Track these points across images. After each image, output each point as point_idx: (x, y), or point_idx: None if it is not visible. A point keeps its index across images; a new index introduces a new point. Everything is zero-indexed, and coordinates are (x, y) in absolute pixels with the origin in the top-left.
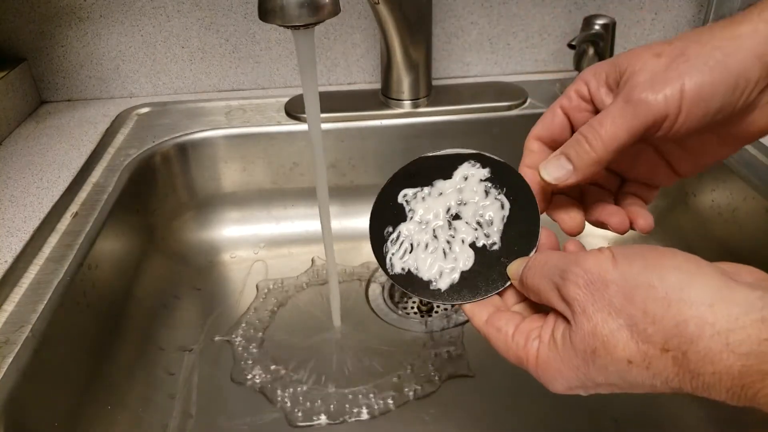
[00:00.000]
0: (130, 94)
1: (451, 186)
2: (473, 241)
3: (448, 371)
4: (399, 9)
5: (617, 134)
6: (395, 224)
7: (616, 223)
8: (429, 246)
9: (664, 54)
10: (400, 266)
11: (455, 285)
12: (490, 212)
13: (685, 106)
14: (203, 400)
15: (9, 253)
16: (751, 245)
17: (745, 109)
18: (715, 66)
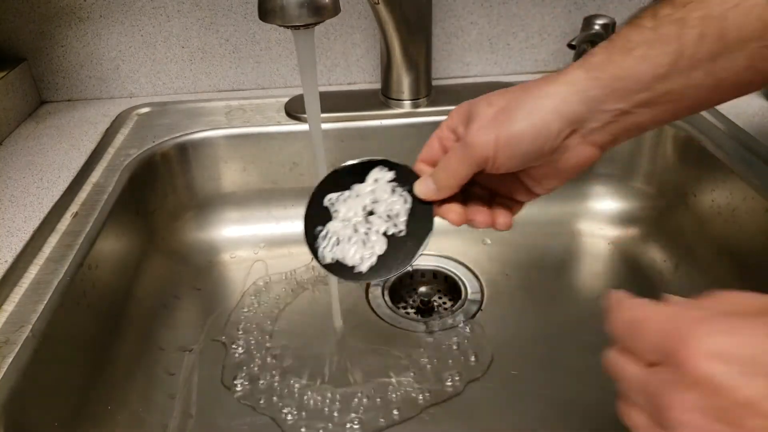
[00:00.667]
0: (130, 94)
1: (366, 188)
2: (385, 231)
3: (451, 371)
4: (399, 9)
5: (459, 168)
6: (324, 223)
7: (480, 221)
8: (351, 238)
9: (494, 105)
10: (330, 257)
11: (374, 267)
12: (396, 206)
13: (499, 151)
14: (203, 400)
15: (9, 252)
16: (751, 245)
17: (556, 151)
18: (523, 120)
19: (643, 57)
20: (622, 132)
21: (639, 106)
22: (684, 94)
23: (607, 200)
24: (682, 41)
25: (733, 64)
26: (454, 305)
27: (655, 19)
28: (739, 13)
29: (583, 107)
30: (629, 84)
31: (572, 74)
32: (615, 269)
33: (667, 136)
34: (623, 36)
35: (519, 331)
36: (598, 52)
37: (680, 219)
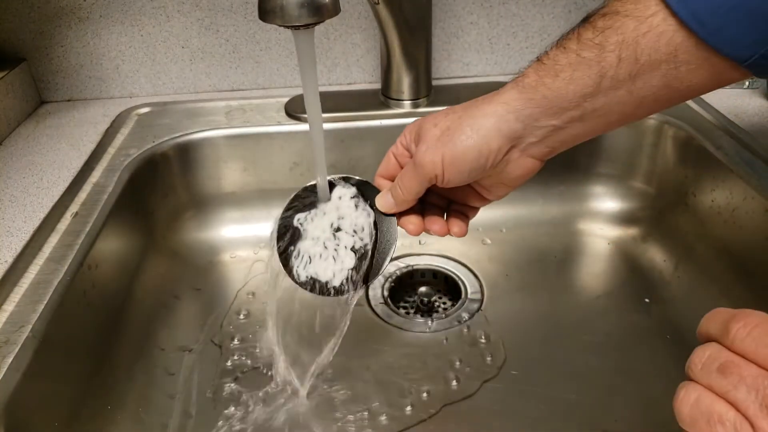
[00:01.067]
0: (130, 94)
1: (331, 206)
2: (353, 246)
3: (451, 371)
4: (399, 9)
5: (412, 185)
6: (295, 243)
7: (436, 230)
8: (322, 256)
9: (439, 125)
10: (304, 275)
11: (346, 280)
12: (360, 221)
13: (446, 168)
14: (203, 400)
15: (9, 252)
16: (751, 245)
17: (498, 165)
18: (466, 140)
19: (569, 79)
20: (559, 144)
21: (570, 121)
22: (611, 110)
23: (607, 200)
24: (603, 64)
25: (650, 84)
26: (454, 305)
27: (579, 42)
28: (650, 39)
29: (519, 125)
30: (559, 103)
31: (508, 94)
32: (615, 269)
33: (667, 136)
34: (552, 58)
35: (519, 330)
36: (530, 74)
37: (680, 219)
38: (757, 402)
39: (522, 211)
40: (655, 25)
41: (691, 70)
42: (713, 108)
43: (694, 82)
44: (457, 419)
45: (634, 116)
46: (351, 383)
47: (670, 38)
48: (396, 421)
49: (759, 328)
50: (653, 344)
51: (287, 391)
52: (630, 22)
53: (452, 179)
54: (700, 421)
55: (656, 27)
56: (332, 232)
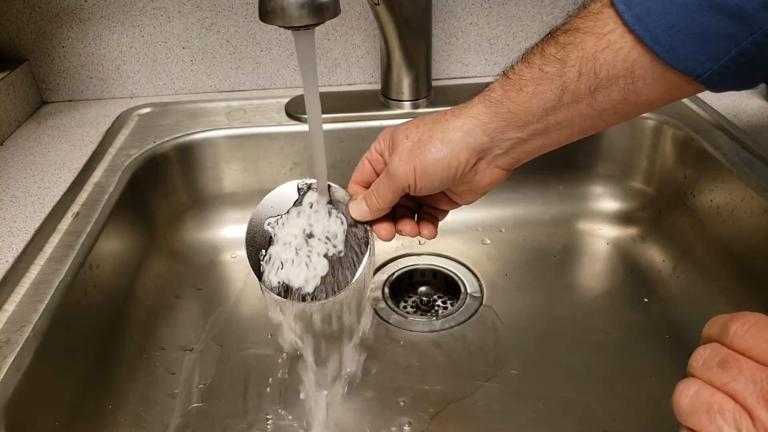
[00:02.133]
0: (131, 94)
1: (303, 211)
2: (326, 252)
3: (451, 371)
4: (399, 10)
5: (386, 194)
6: (266, 248)
7: (407, 231)
8: (294, 261)
9: (410, 137)
10: (276, 281)
11: (318, 287)
12: (333, 228)
13: (417, 179)
14: (204, 400)
15: (10, 252)
16: (750, 245)
17: (467, 175)
18: (436, 153)
19: (533, 93)
20: (523, 155)
21: (534, 134)
22: (573, 123)
23: (606, 200)
24: (564, 79)
25: (610, 98)
26: (453, 305)
27: (542, 57)
28: (608, 55)
29: (486, 138)
30: (524, 116)
31: (475, 108)
32: (614, 269)
33: (666, 136)
34: (517, 72)
35: (518, 330)
36: (497, 89)
37: (679, 219)
38: (755, 393)
39: (521, 211)
40: (612, 42)
41: (648, 84)
42: (712, 108)
43: (650, 96)
44: (457, 419)
45: (595, 128)
46: (350, 383)
47: (626, 54)
48: (395, 421)
49: (757, 326)
50: (652, 344)
51: (288, 391)
52: (589, 39)
53: (424, 189)
54: (699, 411)
55: (614, 43)
56: (304, 238)
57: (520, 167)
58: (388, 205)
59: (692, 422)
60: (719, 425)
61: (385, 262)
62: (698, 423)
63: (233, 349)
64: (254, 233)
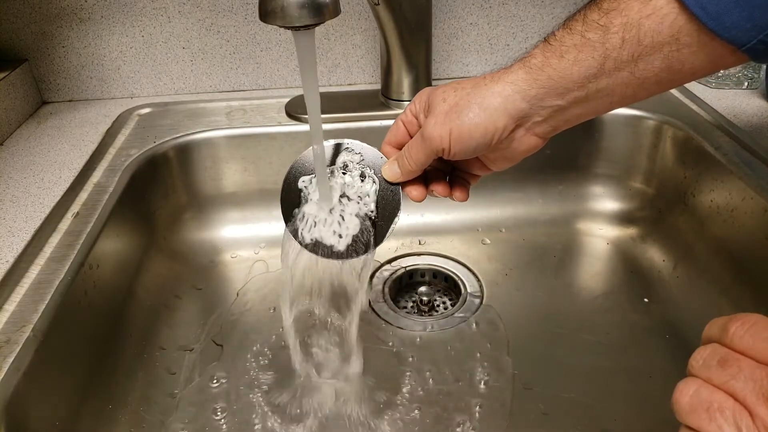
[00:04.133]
0: (131, 94)
1: (336, 170)
2: (357, 212)
3: (451, 371)
4: (399, 10)
5: (419, 157)
6: (299, 206)
7: (439, 192)
8: (327, 220)
9: (447, 100)
10: (309, 238)
11: (350, 245)
12: (366, 188)
13: (453, 143)
14: (204, 400)
15: (10, 252)
16: (750, 245)
17: (503, 142)
18: (473, 117)
19: (574, 60)
20: (562, 123)
21: (575, 102)
22: (614, 91)
23: (606, 200)
24: (607, 46)
25: (652, 65)
26: (454, 305)
27: (584, 23)
28: (654, 21)
29: (525, 104)
30: (564, 83)
31: (515, 74)
32: (614, 269)
33: (666, 136)
34: (558, 39)
35: (518, 330)
36: (537, 55)
37: (679, 219)
38: (755, 391)
39: (521, 211)
40: (658, 8)
41: (693, 52)
42: (712, 108)
43: (695, 64)
44: (457, 419)
45: (636, 97)
46: (350, 382)
47: (672, 21)
48: (395, 420)
49: (756, 326)
50: (652, 344)
51: (290, 390)
52: (634, 4)
53: (458, 153)
54: (699, 410)
55: (660, 10)
56: (338, 197)
57: (522, 167)
58: (420, 167)
59: (692, 421)
60: (719, 423)
61: (385, 262)
62: (698, 421)
63: (233, 349)
64: (288, 191)
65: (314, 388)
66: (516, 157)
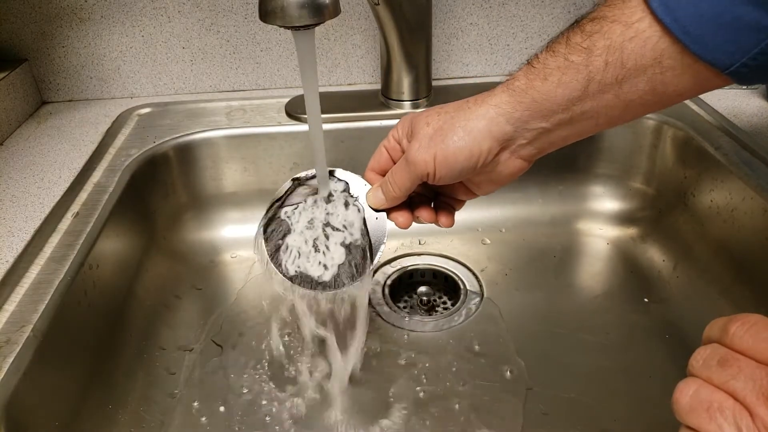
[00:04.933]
0: (131, 94)
1: (319, 199)
2: (342, 241)
3: (451, 370)
4: (399, 10)
5: (403, 182)
6: (283, 237)
7: (425, 218)
8: (311, 251)
9: (431, 124)
10: (293, 269)
11: (336, 275)
12: (351, 216)
13: (437, 167)
14: (204, 400)
15: (10, 252)
16: (750, 245)
17: (488, 165)
18: (458, 141)
19: (558, 83)
20: (547, 145)
21: (559, 124)
22: (599, 113)
23: (606, 200)
24: (590, 68)
25: (637, 88)
26: (454, 305)
27: (568, 46)
28: (636, 44)
29: (510, 127)
30: (549, 106)
31: (499, 97)
32: (614, 269)
33: (666, 136)
34: (541, 61)
35: (518, 330)
36: (521, 77)
37: (679, 219)
38: (755, 391)
39: (521, 211)
40: (641, 31)
41: (676, 75)
42: (712, 108)
43: (678, 87)
44: (457, 419)
45: (622, 119)
46: (351, 383)
47: (655, 44)
48: (395, 420)
49: (756, 326)
50: (652, 344)
51: (291, 390)
52: (617, 27)
53: (443, 178)
54: (699, 409)
55: (642, 32)
56: (322, 226)
57: None
58: (404, 193)
59: (692, 420)
60: (719, 423)
61: (385, 263)
62: (698, 421)
63: (233, 349)
64: (272, 221)
65: (314, 388)
66: (501, 181)
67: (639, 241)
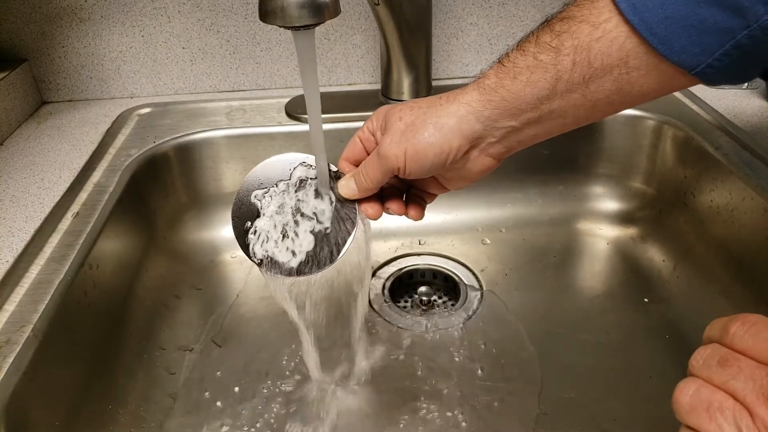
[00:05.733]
0: (131, 94)
1: (290, 185)
2: (312, 229)
3: (451, 370)
4: (399, 10)
5: (375, 175)
6: (252, 220)
7: (394, 210)
8: (280, 235)
9: (403, 119)
10: (261, 253)
11: (303, 262)
12: (321, 204)
13: (408, 162)
14: (204, 400)
15: (10, 252)
16: (750, 245)
17: (458, 162)
18: (428, 137)
19: (527, 82)
20: (516, 144)
21: (528, 123)
22: (566, 112)
23: (606, 200)
24: (558, 68)
25: (603, 87)
26: (454, 305)
27: (537, 45)
28: (603, 44)
29: (479, 125)
30: (517, 104)
31: (469, 95)
32: (614, 269)
33: (666, 136)
34: (511, 60)
35: (518, 330)
36: (491, 76)
37: (679, 219)
38: (755, 391)
39: (521, 211)
40: (608, 31)
41: (642, 75)
42: (712, 108)
43: (644, 87)
44: (456, 419)
45: (589, 118)
46: (352, 383)
47: (621, 44)
48: (395, 420)
49: (756, 326)
50: (652, 344)
51: (291, 390)
52: (585, 27)
53: (413, 172)
54: (699, 409)
55: (609, 32)
56: (291, 212)
57: (522, 167)
58: (376, 185)
59: (692, 420)
60: (719, 423)
61: (385, 263)
62: (698, 421)
63: (233, 349)
64: (241, 204)
65: (315, 388)
66: (472, 177)
67: (639, 241)
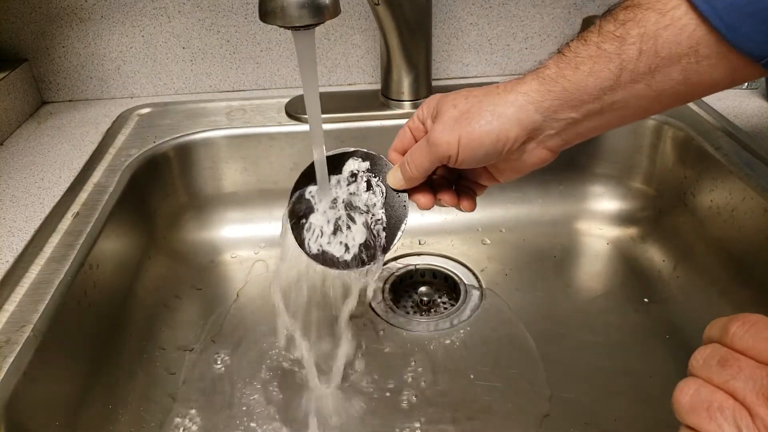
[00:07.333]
0: (131, 94)
1: (342, 179)
2: (364, 221)
3: (451, 370)
4: (399, 10)
5: (423, 163)
6: (307, 216)
7: (446, 201)
8: (334, 230)
9: (458, 107)
10: (315, 248)
11: (357, 255)
12: (373, 196)
13: (461, 150)
14: (204, 400)
15: (10, 252)
16: (750, 245)
17: (514, 153)
18: (485, 125)
19: (589, 72)
20: (574, 136)
21: (588, 114)
22: (629, 104)
23: (606, 200)
24: (623, 57)
25: (670, 77)
26: (454, 305)
27: (600, 34)
28: (672, 32)
29: (538, 116)
30: (579, 95)
31: (528, 84)
32: (614, 269)
33: (667, 136)
34: (573, 50)
35: (518, 330)
36: (551, 66)
37: (679, 219)
38: (755, 391)
39: (522, 211)
40: (676, 18)
41: (711, 65)
42: (712, 109)
43: (714, 77)
44: (457, 419)
45: (651, 111)
46: (351, 384)
47: (691, 32)
48: (394, 420)
49: (756, 326)
50: (652, 344)
51: (292, 390)
52: (651, 15)
53: (466, 161)
54: (699, 409)
55: (678, 20)
56: (344, 206)
57: None
58: (423, 174)
59: (692, 420)
60: (719, 423)
61: (385, 262)
62: (698, 421)
63: (233, 349)
64: (298, 200)
65: (315, 389)
66: (525, 169)
67: (639, 241)
